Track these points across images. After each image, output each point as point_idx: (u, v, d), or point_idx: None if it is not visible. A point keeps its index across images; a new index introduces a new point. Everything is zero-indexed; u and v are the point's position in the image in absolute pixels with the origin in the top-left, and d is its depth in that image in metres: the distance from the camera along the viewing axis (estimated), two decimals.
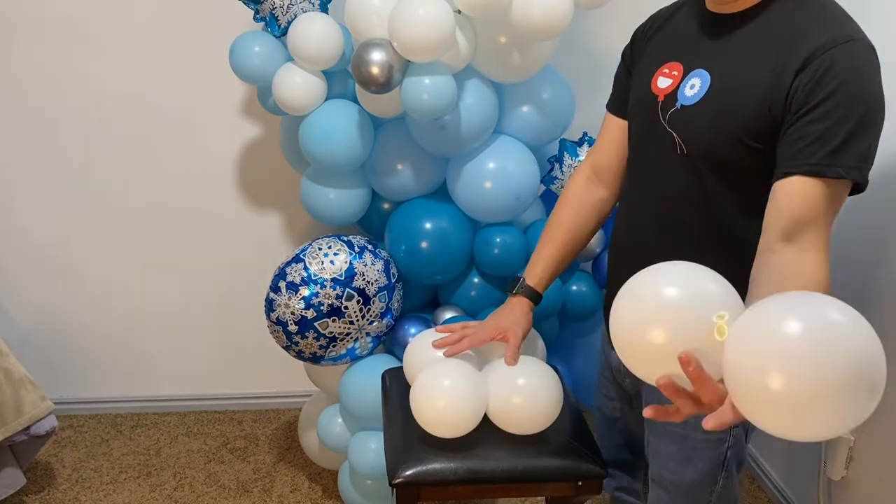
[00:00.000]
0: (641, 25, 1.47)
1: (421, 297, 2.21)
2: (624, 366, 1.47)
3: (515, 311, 1.57)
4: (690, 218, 1.30)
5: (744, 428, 1.39)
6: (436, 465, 1.46)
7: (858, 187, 1.17)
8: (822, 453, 2.01)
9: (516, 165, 2.00)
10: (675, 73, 1.31)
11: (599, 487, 1.52)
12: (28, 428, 2.12)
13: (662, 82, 1.32)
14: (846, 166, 1.13)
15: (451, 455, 1.47)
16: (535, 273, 1.58)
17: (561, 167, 2.12)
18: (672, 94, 1.30)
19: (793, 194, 1.16)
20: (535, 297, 1.58)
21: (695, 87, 1.27)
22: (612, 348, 1.50)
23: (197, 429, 2.72)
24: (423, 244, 2.01)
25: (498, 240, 2.03)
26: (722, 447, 1.38)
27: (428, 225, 2.02)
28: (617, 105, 1.49)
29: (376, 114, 1.97)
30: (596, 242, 2.13)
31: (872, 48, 1.15)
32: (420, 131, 1.96)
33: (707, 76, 1.26)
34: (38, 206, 2.53)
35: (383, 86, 1.76)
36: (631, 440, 1.62)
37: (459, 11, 1.78)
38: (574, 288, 2.15)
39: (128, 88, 2.42)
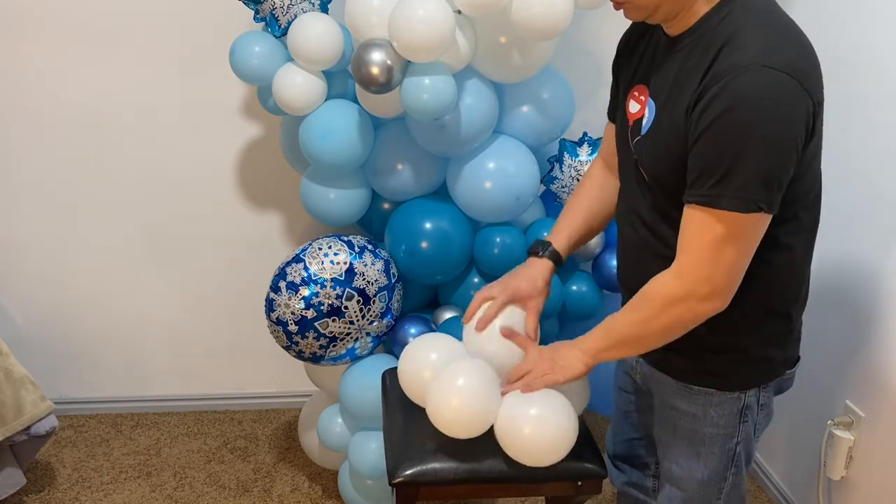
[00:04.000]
0: (623, 37, 1.48)
1: (421, 297, 2.21)
2: (636, 362, 1.49)
3: (537, 277, 1.55)
4: (657, 235, 1.34)
5: (753, 424, 1.40)
6: (435, 465, 1.46)
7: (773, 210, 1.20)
8: (822, 453, 2.01)
9: (516, 165, 2.00)
10: (643, 97, 1.34)
11: (599, 487, 1.52)
12: (28, 428, 2.12)
13: (633, 107, 1.36)
14: (727, 197, 1.16)
15: (451, 455, 1.47)
16: (562, 239, 1.57)
17: (561, 167, 2.12)
18: (638, 122, 1.34)
19: (683, 220, 1.23)
20: (559, 261, 1.58)
21: (647, 116, 1.31)
22: None
23: (197, 429, 2.72)
24: (423, 244, 2.01)
25: (498, 240, 2.03)
26: (731, 442, 1.39)
27: (428, 225, 2.02)
28: (611, 111, 1.53)
29: (376, 114, 1.97)
30: (596, 243, 2.13)
31: (778, 71, 1.12)
32: (420, 131, 1.96)
33: (654, 106, 1.30)
34: (39, 206, 2.53)
35: (383, 86, 1.77)
36: (642, 435, 1.63)
37: (459, 11, 1.78)
38: (574, 288, 2.15)
39: (128, 89, 2.42)
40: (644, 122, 1.31)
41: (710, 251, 1.20)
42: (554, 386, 1.43)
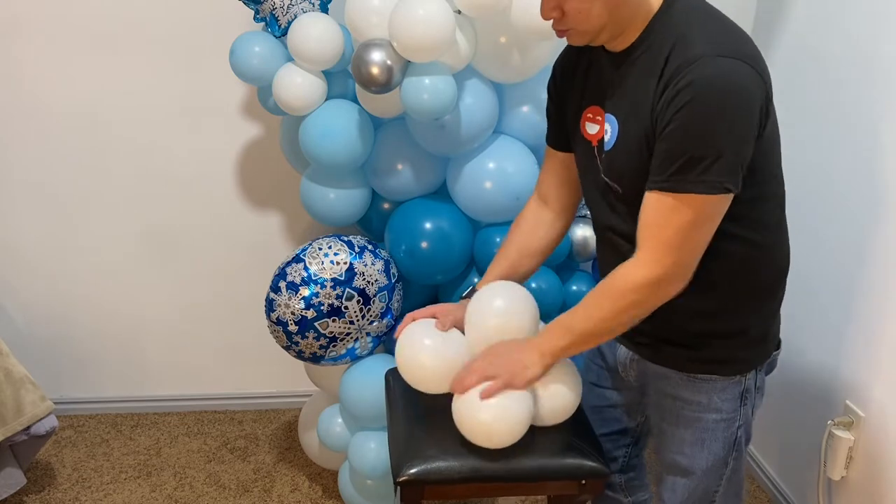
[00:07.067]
0: (559, 59, 1.49)
1: (421, 297, 2.21)
2: (630, 360, 1.49)
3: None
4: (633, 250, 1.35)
5: (751, 405, 1.43)
6: (440, 464, 1.46)
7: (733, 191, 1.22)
8: (822, 453, 2.02)
9: (516, 166, 2.00)
10: (599, 118, 1.36)
11: (602, 486, 1.52)
12: (28, 428, 2.12)
13: (591, 128, 1.38)
14: (690, 182, 1.19)
15: (456, 453, 1.47)
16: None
17: None
18: (601, 141, 1.35)
19: (645, 208, 1.25)
20: None
21: (608, 132, 1.33)
22: (619, 343, 1.52)
23: (197, 429, 2.72)
24: (423, 244, 2.01)
25: (498, 240, 2.03)
26: (733, 426, 1.42)
27: (428, 225, 2.02)
28: (552, 138, 1.54)
29: (376, 114, 1.97)
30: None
31: (732, 59, 1.17)
32: (420, 131, 1.96)
33: (615, 121, 1.32)
34: (39, 206, 2.53)
35: (383, 86, 1.77)
36: (614, 430, 1.65)
37: (459, 11, 1.78)
38: (574, 288, 2.15)
39: (128, 89, 2.42)
40: (607, 138, 1.33)
41: (678, 236, 1.23)
42: (549, 386, 1.43)
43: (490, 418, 1.38)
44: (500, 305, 1.48)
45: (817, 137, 2.08)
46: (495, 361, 1.39)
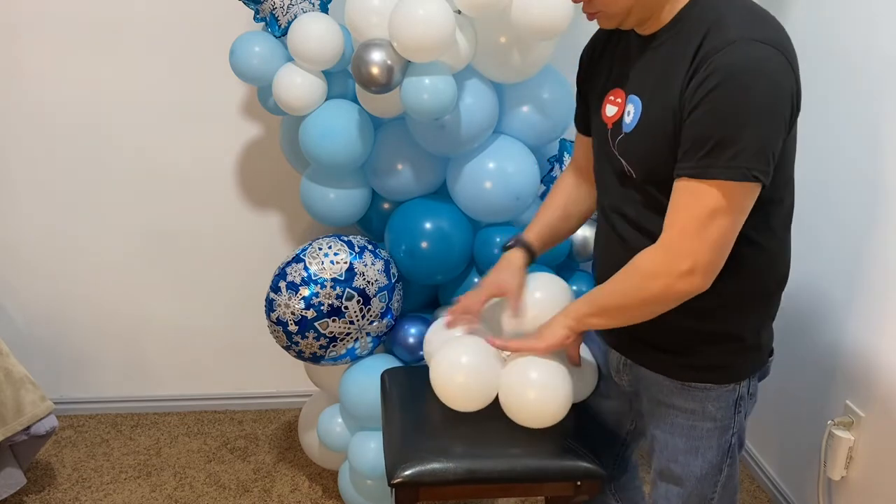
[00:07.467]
0: (586, 48, 1.50)
1: (421, 297, 2.21)
2: (623, 365, 1.49)
3: (511, 264, 1.57)
4: (649, 234, 1.33)
5: (745, 412, 1.42)
6: (435, 465, 1.46)
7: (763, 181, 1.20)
8: (822, 453, 2.01)
9: (516, 165, 2.00)
10: (619, 100, 1.35)
11: (598, 487, 1.52)
12: (28, 428, 2.12)
13: (609, 110, 1.37)
14: (720, 167, 1.16)
15: (451, 455, 1.47)
16: (533, 231, 1.61)
17: (561, 167, 2.12)
18: (618, 123, 1.34)
19: (672, 195, 1.23)
20: (530, 251, 1.59)
21: (630, 113, 1.31)
22: (610, 346, 1.52)
23: (197, 429, 2.72)
24: (423, 244, 2.01)
25: (498, 240, 2.03)
26: (727, 434, 1.41)
27: (428, 225, 2.02)
28: (580, 123, 1.55)
29: (376, 114, 1.97)
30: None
31: (766, 45, 1.16)
32: (420, 131, 1.96)
33: (639, 102, 1.30)
34: (39, 206, 2.53)
35: (383, 86, 1.77)
36: (609, 434, 1.65)
37: (459, 11, 1.78)
38: (574, 288, 2.15)
39: (128, 89, 2.42)
40: (628, 120, 1.32)
41: (696, 224, 1.19)
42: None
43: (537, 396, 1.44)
44: (539, 297, 1.54)
45: (816, 138, 2.07)
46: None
